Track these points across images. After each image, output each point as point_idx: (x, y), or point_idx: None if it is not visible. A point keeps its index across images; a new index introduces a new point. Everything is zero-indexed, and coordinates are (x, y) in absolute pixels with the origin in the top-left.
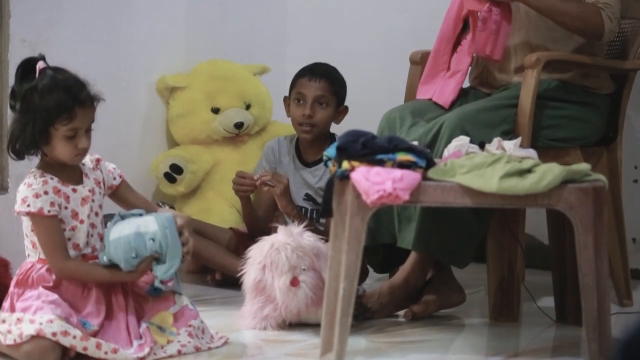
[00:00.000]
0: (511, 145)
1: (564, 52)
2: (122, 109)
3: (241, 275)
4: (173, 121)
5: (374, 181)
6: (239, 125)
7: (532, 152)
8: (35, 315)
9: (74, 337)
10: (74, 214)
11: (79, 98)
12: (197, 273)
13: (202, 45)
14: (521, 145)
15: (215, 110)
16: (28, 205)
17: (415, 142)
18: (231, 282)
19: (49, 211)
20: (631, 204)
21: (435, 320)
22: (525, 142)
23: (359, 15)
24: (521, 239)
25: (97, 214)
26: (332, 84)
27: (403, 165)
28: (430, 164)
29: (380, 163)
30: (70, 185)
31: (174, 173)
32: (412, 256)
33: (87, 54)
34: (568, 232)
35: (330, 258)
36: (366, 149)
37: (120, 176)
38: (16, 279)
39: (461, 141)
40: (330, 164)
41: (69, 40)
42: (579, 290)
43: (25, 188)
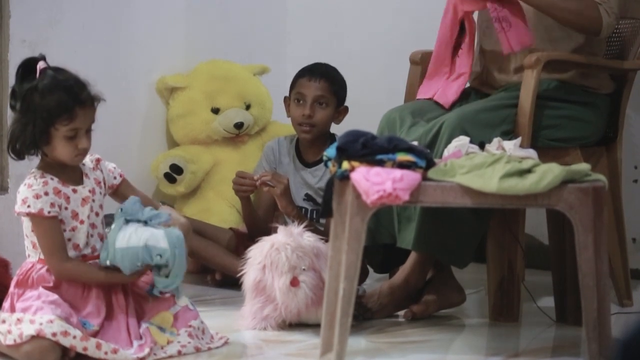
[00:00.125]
0: (511, 146)
1: (563, 52)
2: (122, 109)
3: (241, 276)
4: (173, 121)
5: (374, 181)
6: (239, 126)
7: (532, 152)
8: (35, 316)
9: (74, 338)
10: (74, 215)
11: (79, 98)
12: (197, 273)
13: (202, 45)
14: (521, 146)
15: (215, 111)
16: (28, 206)
17: (415, 142)
18: (231, 283)
19: (49, 212)
20: (631, 204)
21: (435, 321)
22: (525, 142)
23: (359, 15)
24: (521, 239)
25: (98, 214)
26: (332, 84)
27: (403, 165)
28: (430, 164)
29: (380, 163)
30: (71, 186)
31: (174, 173)
32: (412, 256)
33: (87, 54)
34: (568, 232)
35: (330, 258)
36: (366, 149)
37: (120, 175)
38: (16, 279)
39: (461, 141)
40: (330, 164)
41: (69, 41)
42: (579, 290)
43: (26, 189)
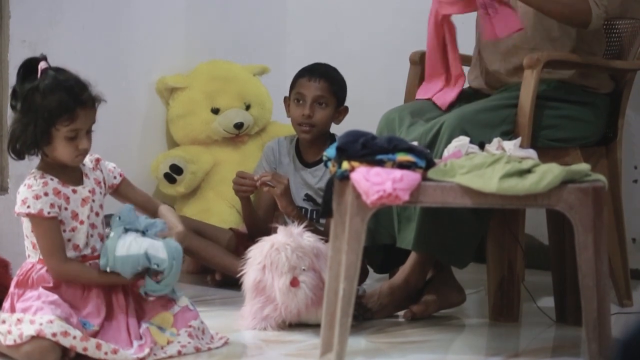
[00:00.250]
0: (511, 146)
1: (563, 52)
2: (122, 109)
3: (241, 276)
4: (173, 121)
5: (374, 181)
6: (239, 126)
7: (532, 153)
8: (35, 316)
9: (74, 338)
10: (74, 215)
11: (80, 99)
12: (197, 273)
13: (202, 45)
14: (521, 146)
15: (215, 111)
16: (28, 207)
17: (415, 142)
18: (231, 283)
19: (49, 212)
20: (631, 204)
21: (435, 321)
22: (525, 143)
23: (359, 15)
24: (521, 239)
25: (98, 214)
26: (332, 84)
27: (403, 165)
28: (430, 164)
29: (380, 163)
30: (70, 186)
31: (173, 173)
32: (412, 256)
33: (87, 54)
34: (568, 232)
35: (330, 258)
36: (366, 149)
37: (120, 175)
38: (16, 280)
39: (461, 141)
40: (330, 164)
41: (69, 41)
42: (579, 291)
43: (26, 189)
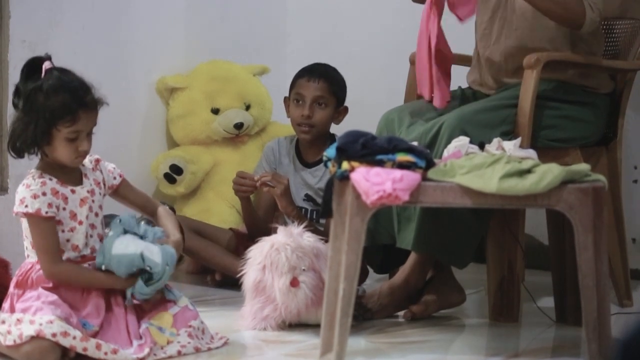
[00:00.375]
0: (511, 146)
1: (563, 52)
2: (122, 109)
3: (241, 276)
4: (173, 122)
5: (374, 182)
6: (239, 126)
7: (532, 153)
8: (35, 316)
9: (73, 338)
10: (72, 215)
11: (83, 101)
12: (197, 274)
13: (202, 45)
14: (521, 146)
15: (215, 111)
16: (26, 206)
17: (414, 142)
18: (231, 283)
19: (47, 212)
20: (631, 204)
21: (435, 321)
22: (525, 143)
23: (359, 15)
24: (521, 239)
25: (97, 215)
26: (331, 84)
27: (403, 165)
28: (430, 164)
29: (380, 163)
30: (69, 186)
31: (173, 174)
32: (412, 257)
33: (87, 54)
34: (568, 232)
35: (330, 258)
36: (366, 149)
37: (120, 175)
38: (16, 280)
39: (461, 142)
40: (330, 164)
41: (69, 41)
42: (579, 291)
43: (24, 189)
